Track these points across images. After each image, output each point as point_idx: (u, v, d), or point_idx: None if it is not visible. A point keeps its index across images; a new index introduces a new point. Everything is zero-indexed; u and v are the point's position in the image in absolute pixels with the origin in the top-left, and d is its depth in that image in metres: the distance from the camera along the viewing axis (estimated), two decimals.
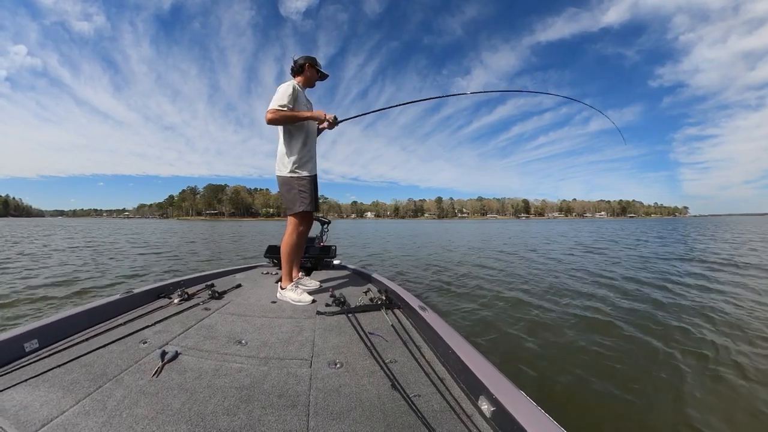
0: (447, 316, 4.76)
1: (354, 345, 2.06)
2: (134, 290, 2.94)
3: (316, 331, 2.30)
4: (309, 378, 1.70)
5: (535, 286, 6.91)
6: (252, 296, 3.18)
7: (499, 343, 3.94)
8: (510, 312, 5.05)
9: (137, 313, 2.63)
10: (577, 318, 4.76)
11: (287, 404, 1.47)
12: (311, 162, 3.19)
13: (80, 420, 1.35)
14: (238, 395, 1.55)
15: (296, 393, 1.56)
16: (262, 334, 2.25)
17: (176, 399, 1.51)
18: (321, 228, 4.85)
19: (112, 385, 1.62)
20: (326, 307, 2.76)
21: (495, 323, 4.53)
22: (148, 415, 1.40)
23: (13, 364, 1.79)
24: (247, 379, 1.69)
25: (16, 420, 1.34)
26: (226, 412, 1.43)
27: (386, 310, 2.60)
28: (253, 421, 1.36)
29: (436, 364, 1.81)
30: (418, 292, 6.32)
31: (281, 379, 1.69)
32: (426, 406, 1.44)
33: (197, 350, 2.02)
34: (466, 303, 5.59)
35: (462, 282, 7.17)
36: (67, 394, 1.53)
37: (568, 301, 5.76)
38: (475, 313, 5.00)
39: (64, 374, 1.70)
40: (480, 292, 6.31)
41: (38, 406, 1.43)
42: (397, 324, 2.36)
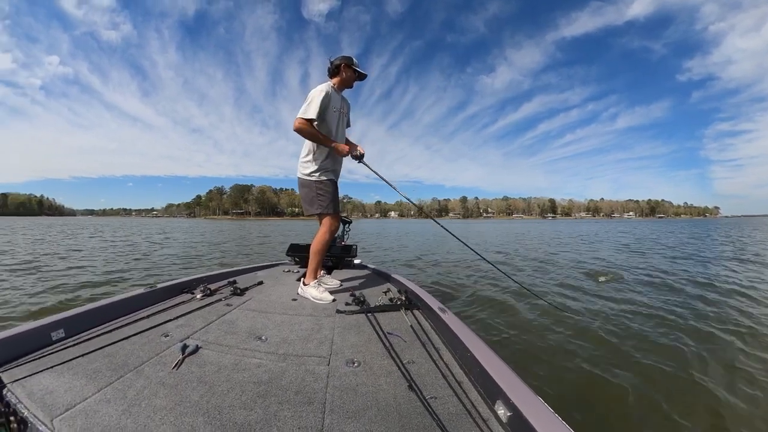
0: (468, 319, 4.69)
1: (372, 344, 2.07)
2: (158, 285, 3.04)
3: (335, 330, 2.31)
4: (326, 376, 1.71)
5: (580, 292, 6.63)
6: (273, 293, 3.23)
7: (528, 346, 3.84)
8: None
9: (160, 307, 2.71)
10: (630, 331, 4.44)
11: (304, 401, 1.49)
12: (333, 167, 3.24)
13: (101, 407, 1.41)
14: (255, 390, 1.57)
15: (313, 390, 1.57)
16: (281, 331, 2.28)
17: (195, 391, 1.55)
18: (342, 227, 4.88)
19: (133, 376, 1.68)
20: (346, 305, 2.78)
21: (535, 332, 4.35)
22: (166, 405, 1.44)
23: (40, 351, 1.88)
24: (266, 374, 1.72)
25: (42, 403, 1.42)
26: (243, 406, 1.45)
27: (405, 311, 2.60)
28: (269, 416, 1.38)
29: (454, 367, 1.79)
30: (439, 294, 6.22)
31: (299, 375, 1.71)
32: (442, 409, 1.43)
33: (217, 345, 2.06)
34: (491, 309, 5.42)
35: (494, 291, 6.80)
36: (90, 382, 1.60)
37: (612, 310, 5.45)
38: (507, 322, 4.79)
39: (87, 363, 1.78)
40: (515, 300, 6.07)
41: (62, 392, 1.50)
42: (416, 325, 2.35)
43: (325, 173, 3.18)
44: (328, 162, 3.17)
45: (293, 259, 4.91)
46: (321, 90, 3.03)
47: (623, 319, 4.79)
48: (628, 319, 4.80)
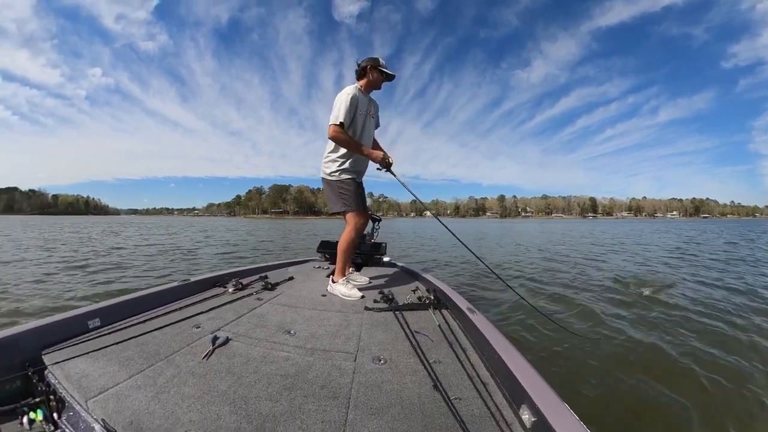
0: (497, 321, 4.58)
1: (399, 342, 2.06)
2: (191, 279, 3.16)
3: (363, 326, 2.32)
4: (352, 371, 1.71)
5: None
6: (303, 289, 3.28)
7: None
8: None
9: (193, 300, 2.81)
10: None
11: (329, 395, 1.50)
12: (355, 167, 3.25)
13: (131, 392, 1.48)
14: (282, 383, 1.59)
15: (339, 385, 1.58)
16: (310, 326, 2.31)
17: (223, 381, 1.59)
18: (372, 225, 4.90)
19: (164, 364, 1.74)
20: (374, 303, 2.78)
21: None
22: (194, 394, 1.48)
23: (77, 338, 2.00)
24: (293, 368, 1.74)
25: (78, 385, 1.53)
26: (269, 397, 1.47)
27: (434, 310, 2.57)
28: (294, 409, 1.39)
29: (480, 368, 1.76)
30: (468, 294, 6.09)
31: (325, 370, 1.72)
32: (466, 410, 1.40)
33: (247, 337, 2.11)
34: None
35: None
36: (122, 368, 1.68)
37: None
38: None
39: (120, 351, 1.87)
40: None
41: (96, 376, 1.60)
42: (444, 324, 2.32)
43: (346, 173, 3.21)
44: (350, 162, 3.19)
45: (323, 255, 4.96)
46: (347, 93, 3.04)
47: (671, 352, 3.68)
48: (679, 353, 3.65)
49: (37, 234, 23.15)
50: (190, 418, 1.32)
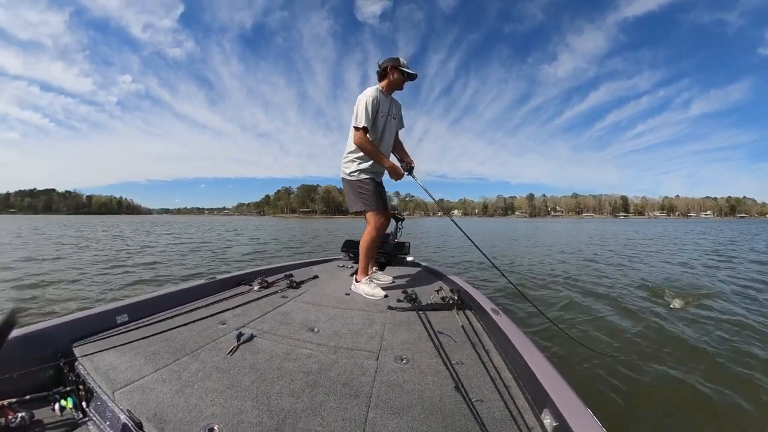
0: (521, 322, 4.47)
1: (422, 342, 2.05)
2: (218, 276, 3.24)
3: (386, 326, 2.32)
4: (374, 370, 1.72)
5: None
6: (327, 287, 3.32)
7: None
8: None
9: (219, 297, 2.88)
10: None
11: (350, 393, 1.50)
12: (374, 168, 3.25)
13: (156, 385, 1.54)
14: (304, 379, 1.61)
15: (360, 383, 1.59)
16: (333, 324, 2.33)
17: (246, 377, 1.62)
18: (396, 225, 4.89)
19: (189, 359, 1.80)
20: (398, 302, 2.78)
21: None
22: (218, 388, 1.52)
23: (106, 332, 2.08)
24: (316, 365, 1.76)
25: (106, 377, 1.60)
26: (291, 394, 1.49)
27: (457, 310, 2.55)
28: (315, 406, 1.41)
29: (503, 370, 1.74)
30: (493, 295, 6.00)
31: (347, 368, 1.73)
32: (487, 413, 1.38)
33: (271, 334, 2.14)
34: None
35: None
36: (148, 362, 1.74)
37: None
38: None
39: (147, 345, 1.94)
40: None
41: (123, 369, 1.67)
42: (468, 325, 2.30)
43: (366, 172, 3.21)
44: (369, 162, 3.19)
45: (347, 254, 4.99)
46: (368, 95, 3.04)
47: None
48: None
49: (73, 232, 24.14)
50: (212, 412, 1.35)
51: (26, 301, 5.68)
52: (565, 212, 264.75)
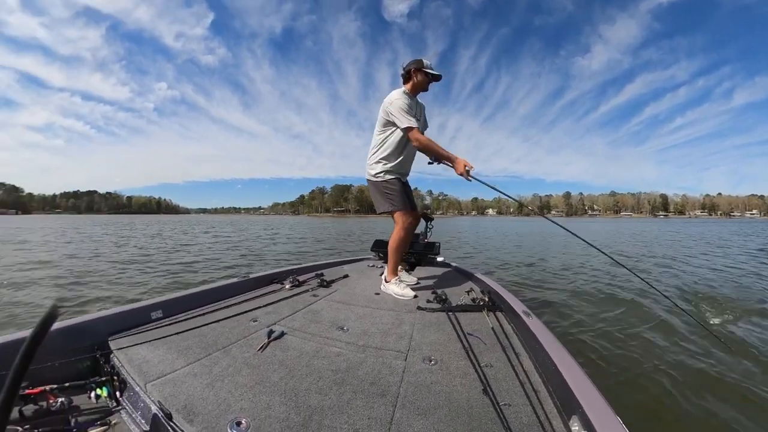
0: (552, 325, 4.34)
1: (451, 344, 2.04)
2: (251, 275, 3.32)
3: (415, 326, 2.32)
4: (402, 370, 1.72)
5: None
6: (357, 287, 3.34)
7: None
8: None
9: (251, 295, 2.94)
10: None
11: (377, 392, 1.51)
12: (399, 169, 3.26)
13: (188, 379, 1.59)
14: (332, 377, 1.63)
15: (388, 383, 1.59)
16: (363, 323, 2.34)
17: (275, 373, 1.65)
18: (426, 225, 4.86)
19: (220, 354, 1.85)
20: (427, 303, 2.77)
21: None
22: (247, 383, 1.56)
23: (141, 327, 2.16)
24: (344, 363, 1.77)
25: (139, 370, 1.67)
26: (319, 391, 1.51)
27: (488, 312, 2.51)
28: (342, 404, 1.42)
29: (532, 374, 1.70)
30: (524, 296, 5.86)
31: (375, 368, 1.74)
32: (514, 417, 1.35)
33: (302, 332, 2.18)
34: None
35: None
36: (180, 356, 1.81)
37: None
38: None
39: (180, 341, 2.01)
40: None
41: (156, 363, 1.74)
42: (498, 327, 2.26)
43: (391, 173, 3.22)
44: (394, 163, 3.20)
45: (377, 254, 5.00)
46: (398, 98, 3.06)
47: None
48: None
49: (112, 231, 25.13)
50: (241, 406, 1.38)
51: (67, 296, 6.01)
52: (602, 211, 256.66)
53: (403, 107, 3.00)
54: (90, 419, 1.56)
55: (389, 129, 3.16)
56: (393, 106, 3.03)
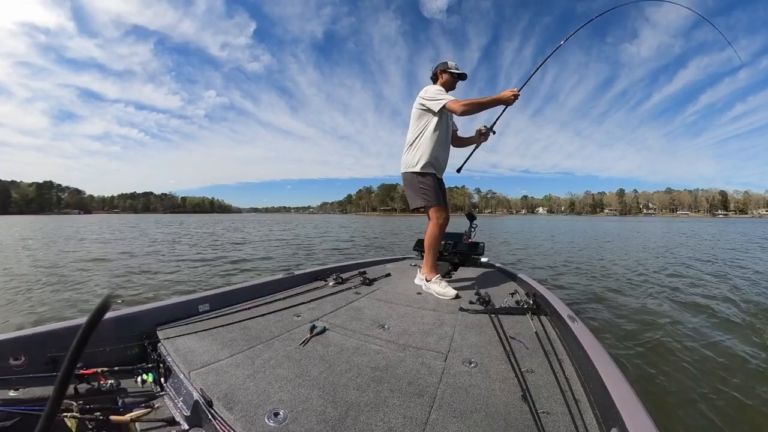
0: (599, 331, 4.13)
1: (492, 347, 2.00)
2: (295, 272, 3.41)
3: (457, 327, 2.29)
4: (441, 372, 1.70)
5: None
6: (399, 286, 3.34)
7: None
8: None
9: (295, 291, 3.03)
10: None
11: (414, 392, 1.50)
12: (436, 162, 3.26)
13: (230, 369, 1.66)
14: (371, 375, 1.64)
15: (426, 384, 1.58)
16: (404, 322, 2.34)
17: (315, 368, 1.69)
18: (469, 224, 4.82)
19: (263, 347, 1.91)
20: (470, 304, 2.73)
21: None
22: (287, 376, 1.60)
23: (189, 319, 2.29)
24: (383, 361, 1.78)
25: (184, 359, 1.76)
26: (357, 387, 1.52)
27: (531, 315, 2.44)
28: (379, 401, 1.42)
29: (574, 382, 1.64)
30: (571, 300, 5.65)
31: (414, 367, 1.73)
32: (552, 426, 1.31)
33: (343, 328, 2.21)
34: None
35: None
36: (225, 348, 1.89)
37: None
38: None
39: (225, 333, 2.10)
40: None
41: (201, 353, 1.83)
42: (542, 331, 2.19)
43: (426, 167, 3.21)
44: (428, 159, 3.20)
45: (420, 253, 4.93)
46: (431, 87, 3.18)
47: None
48: None
49: (167, 230, 26.31)
50: (280, 398, 1.42)
51: (119, 289, 6.55)
52: (658, 210, 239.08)
53: (438, 90, 3.08)
54: (135, 401, 1.69)
55: (423, 121, 3.19)
56: (428, 93, 3.11)
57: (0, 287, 6.64)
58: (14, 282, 7.07)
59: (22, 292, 6.24)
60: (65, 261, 10.03)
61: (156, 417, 1.60)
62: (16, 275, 7.83)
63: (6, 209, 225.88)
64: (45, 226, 35.47)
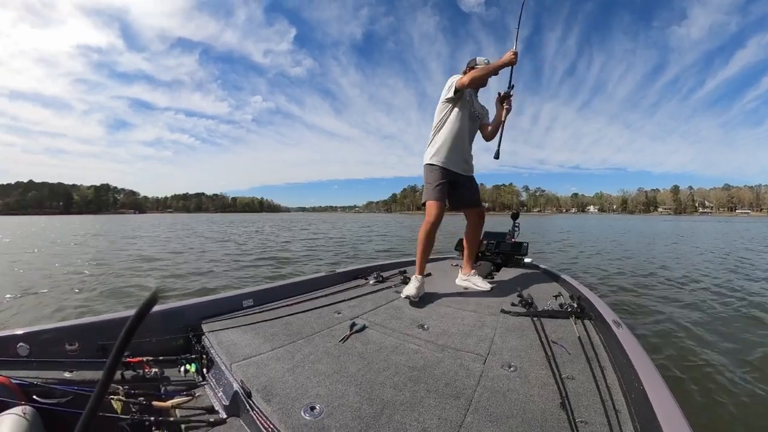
0: (644, 338, 3.89)
1: (533, 351, 1.93)
2: (336, 270, 3.48)
3: (497, 330, 2.23)
4: (479, 374, 1.66)
5: None
6: (439, 285, 3.30)
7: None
8: None
9: (336, 289, 3.08)
10: None
11: (451, 394, 1.48)
12: (449, 154, 3.08)
13: (271, 363, 1.71)
14: (408, 374, 1.63)
15: (463, 386, 1.55)
16: (443, 322, 2.32)
17: (354, 364, 1.70)
18: (512, 223, 4.71)
19: (304, 343, 1.96)
20: (511, 306, 2.66)
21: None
22: (325, 371, 1.62)
23: (233, 313, 2.38)
24: (421, 361, 1.77)
25: (227, 351, 1.83)
26: (394, 385, 1.52)
27: (575, 320, 2.34)
28: (415, 401, 1.41)
29: (615, 391, 1.55)
30: (617, 304, 5.31)
31: (452, 369, 1.71)
32: None
33: (382, 327, 2.22)
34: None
35: None
36: (266, 342, 1.95)
37: None
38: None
39: (267, 328, 2.17)
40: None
41: (243, 346, 1.89)
42: (585, 337, 2.10)
43: (436, 157, 3.07)
44: (439, 149, 3.07)
45: (461, 253, 4.85)
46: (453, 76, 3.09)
47: None
48: None
49: (220, 228, 27.11)
50: (317, 392, 1.44)
51: (168, 284, 6.99)
52: (715, 208, 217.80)
53: (452, 78, 3.00)
54: (177, 389, 1.79)
55: (442, 115, 3.08)
56: (447, 82, 3.02)
57: (62, 279, 7.24)
58: (74, 275, 7.73)
59: (77, 284, 6.81)
60: (119, 256, 10.81)
61: (196, 405, 1.67)
62: (76, 268, 8.54)
63: (68, 209, 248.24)
64: (104, 224, 38.25)
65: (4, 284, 6.85)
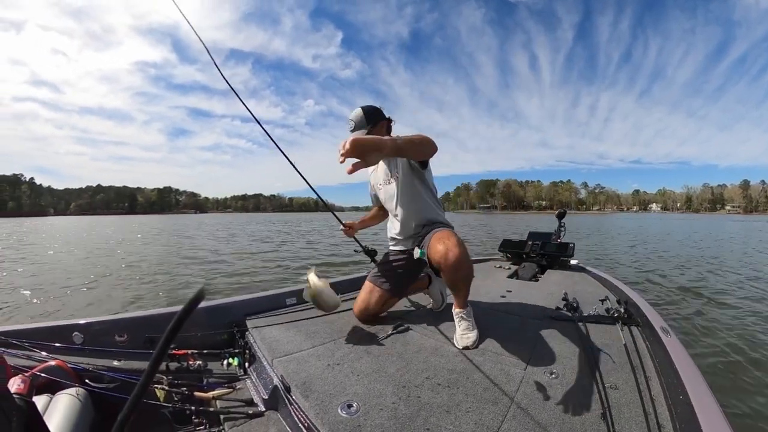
0: (693, 346, 3.59)
1: (576, 358, 1.85)
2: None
3: (540, 334, 2.17)
4: (519, 380, 1.61)
5: None
6: (482, 288, 3.24)
7: None
8: None
9: None
10: None
11: (489, 399, 1.44)
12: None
13: (311, 359, 1.75)
14: (447, 377, 1.61)
15: (502, 391, 1.51)
16: (485, 326, 2.25)
17: (393, 365, 1.71)
18: (558, 223, 4.57)
19: (344, 341, 2.00)
20: (556, 310, 2.58)
21: None
22: (364, 370, 1.63)
23: (276, 311, 2.49)
24: (461, 364, 1.74)
25: (269, 347, 1.91)
26: (431, 388, 1.51)
27: (622, 326, 2.21)
28: (452, 404, 1.39)
29: (660, 404, 1.45)
30: (667, 310, 4.97)
31: (492, 373, 1.66)
32: None
33: (424, 328, 2.22)
34: None
35: None
36: (307, 339, 2.00)
37: None
38: None
39: (309, 325, 2.23)
40: None
41: (285, 342, 1.97)
42: (631, 344, 1.97)
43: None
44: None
45: (505, 255, 4.76)
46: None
47: None
48: None
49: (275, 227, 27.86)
50: (355, 390, 1.45)
51: (215, 282, 7.64)
52: None
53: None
54: (219, 381, 1.85)
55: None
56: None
57: (121, 274, 8.12)
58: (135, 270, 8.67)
59: (137, 279, 7.68)
60: (175, 254, 11.81)
61: (236, 397, 1.73)
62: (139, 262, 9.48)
63: (133, 210, 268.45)
64: (174, 224, 41.31)
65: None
